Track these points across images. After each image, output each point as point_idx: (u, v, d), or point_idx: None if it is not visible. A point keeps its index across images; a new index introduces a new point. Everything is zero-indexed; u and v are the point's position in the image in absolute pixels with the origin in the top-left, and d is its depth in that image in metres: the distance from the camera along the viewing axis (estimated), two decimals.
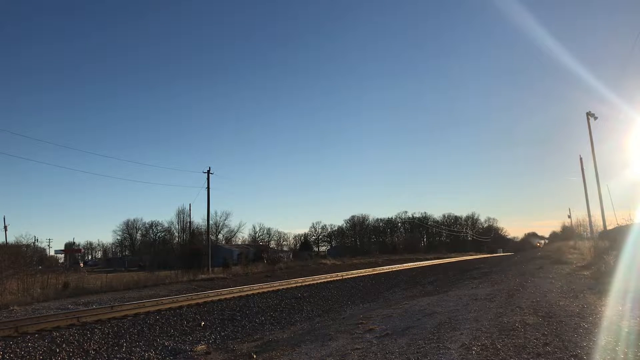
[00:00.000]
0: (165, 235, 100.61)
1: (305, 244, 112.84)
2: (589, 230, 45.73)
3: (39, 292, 21.45)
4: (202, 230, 72.05)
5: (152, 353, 10.04)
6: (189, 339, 11.50)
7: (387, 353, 6.49)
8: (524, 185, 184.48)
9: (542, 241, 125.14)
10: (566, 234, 77.32)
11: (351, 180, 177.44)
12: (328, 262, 56.66)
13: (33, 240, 68.16)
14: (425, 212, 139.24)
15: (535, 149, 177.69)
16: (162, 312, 14.47)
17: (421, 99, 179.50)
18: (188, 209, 75.90)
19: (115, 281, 27.84)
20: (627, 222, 29.11)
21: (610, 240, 26.74)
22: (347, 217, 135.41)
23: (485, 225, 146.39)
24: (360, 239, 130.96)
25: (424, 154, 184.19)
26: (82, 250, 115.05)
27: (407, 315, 10.30)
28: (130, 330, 11.95)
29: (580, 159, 38.53)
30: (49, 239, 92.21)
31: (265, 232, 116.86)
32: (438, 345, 6.48)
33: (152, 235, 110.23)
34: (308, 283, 25.04)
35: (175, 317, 13.78)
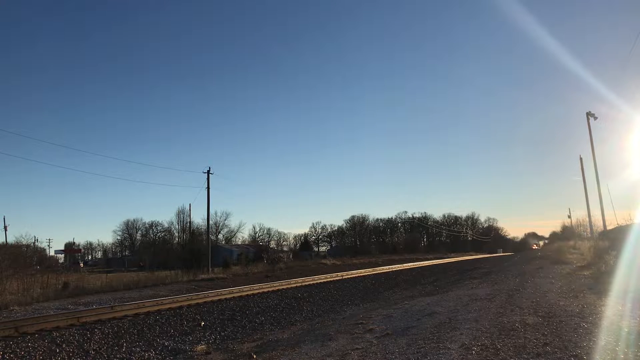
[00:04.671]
0: (165, 235, 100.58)
1: (305, 244, 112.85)
2: (589, 230, 45.76)
3: (39, 292, 21.43)
4: (202, 230, 71.96)
5: (152, 353, 10.03)
6: (188, 339, 11.49)
7: (387, 353, 6.49)
8: (524, 185, 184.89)
9: (540, 242, 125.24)
10: (566, 234, 77.32)
11: (351, 180, 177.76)
12: (328, 262, 56.60)
13: (33, 240, 67.97)
14: (425, 212, 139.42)
15: (535, 148, 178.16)
16: (162, 312, 14.47)
17: (421, 99, 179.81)
18: (188, 209, 75.97)
19: (115, 281, 27.83)
20: (627, 222, 29.19)
21: (610, 240, 26.76)
22: (347, 217, 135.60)
23: (485, 225, 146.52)
24: (360, 239, 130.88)
25: (424, 154, 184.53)
26: (82, 250, 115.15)
27: (407, 315, 10.30)
28: (130, 330, 11.95)
29: (580, 159, 38.57)
30: (49, 239, 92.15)
31: (265, 232, 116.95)
32: (438, 345, 6.48)
33: (152, 235, 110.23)
34: (308, 283, 25.03)
35: (175, 317, 13.78)
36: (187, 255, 44.66)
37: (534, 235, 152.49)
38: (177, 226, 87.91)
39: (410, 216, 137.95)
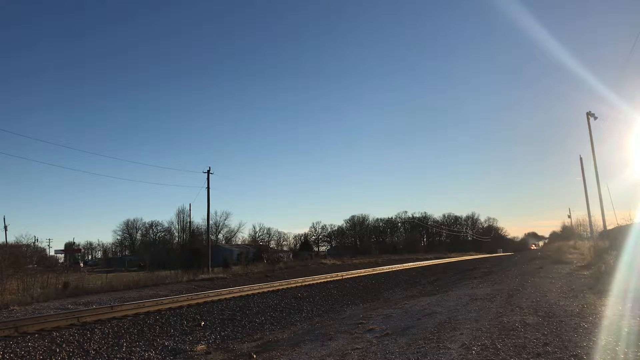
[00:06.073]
0: (165, 235, 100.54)
1: (305, 244, 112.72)
2: (589, 230, 45.77)
3: (39, 292, 21.44)
4: (202, 230, 71.98)
5: (152, 353, 10.03)
6: (189, 338, 11.49)
7: (387, 353, 6.50)
8: (524, 185, 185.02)
9: (540, 242, 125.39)
10: (566, 233, 77.45)
11: (351, 180, 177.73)
12: (328, 262, 56.64)
13: (33, 240, 67.91)
14: (425, 212, 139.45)
15: (535, 148, 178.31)
16: (162, 312, 14.47)
17: (421, 98, 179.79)
18: (188, 209, 75.84)
19: (115, 281, 27.83)
20: (627, 222, 29.14)
21: (610, 240, 26.76)
22: (347, 217, 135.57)
23: (485, 225, 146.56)
24: (360, 239, 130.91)
25: (424, 154, 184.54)
26: (82, 250, 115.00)
27: (407, 315, 10.30)
28: (130, 330, 11.95)
29: (580, 158, 38.58)
30: (49, 239, 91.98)
31: (265, 232, 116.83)
32: (438, 345, 6.48)
33: (152, 235, 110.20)
34: (308, 283, 25.03)
35: (175, 317, 13.78)
36: (187, 255, 44.70)
37: (534, 235, 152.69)
38: (177, 226, 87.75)
39: (410, 216, 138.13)
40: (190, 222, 61.91)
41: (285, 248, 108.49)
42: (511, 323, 7.62)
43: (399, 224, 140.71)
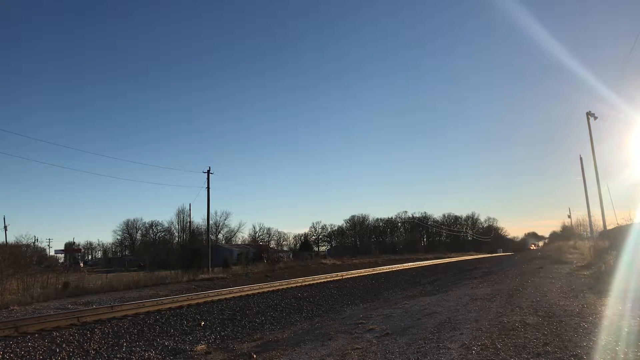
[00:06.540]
0: (165, 235, 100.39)
1: (305, 244, 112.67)
2: (589, 230, 45.77)
3: (39, 292, 21.44)
4: (202, 230, 71.87)
5: (152, 353, 10.03)
6: (189, 338, 11.50)
7: (387, 353, 6.50)
8: (524, 185, 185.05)
9: (540, 242, 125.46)
10: (566, 233, 77.42)
11: (351, 180, 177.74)
12: (328, 262, 56.64)
13: (33, 240, 67.70)
14: (425, 212, 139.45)
15: (535, 148, 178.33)
16: (162, 312, 14.47)
17: (421, 99, 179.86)
18: (188, 209, 75.70)
19: (115, 281, 27.83)
20: (627, 222, 29.16)
21: (610, 240, 26.77)
22: (347, 217, 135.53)
23: (485, 225, 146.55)
24: (360, 239, 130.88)
25: (424, 154, 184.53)
26: (82, 250, 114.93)
27: (407, 315, 10.31)
28: (130, 330, 11.95)
29: (581, 158, 38.56)
30: (49, 239, 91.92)
31: (265, 232, 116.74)
32: (438, 345, 6.48)
33: (152, 235, 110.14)
34: (308, 283, 25.03)
35: (175, 317, 13.78)
36: (187, 255, 44.67)
37: (534, 235, 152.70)
38: (177, 226, 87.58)
39: (410, 216, 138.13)
40: (190, 222, 61.87)
41: (285, 248, 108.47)
42: (511, 323, 7.62)
43: (399, 224, 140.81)
